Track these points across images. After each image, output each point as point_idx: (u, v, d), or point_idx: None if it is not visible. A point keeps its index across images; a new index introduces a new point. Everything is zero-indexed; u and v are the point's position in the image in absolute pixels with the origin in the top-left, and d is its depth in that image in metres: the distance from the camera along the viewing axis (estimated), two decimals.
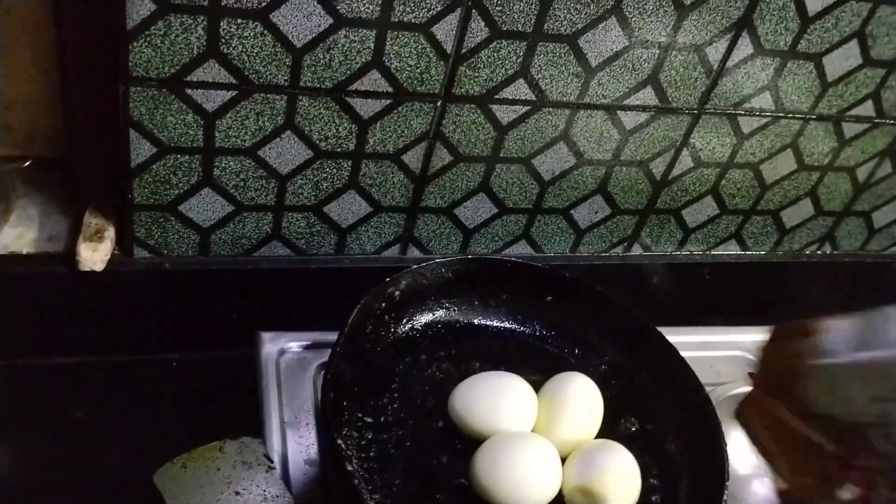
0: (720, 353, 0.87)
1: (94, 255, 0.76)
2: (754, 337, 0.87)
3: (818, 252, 1.05)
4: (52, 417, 0.79)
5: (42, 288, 0.77)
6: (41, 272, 0.77)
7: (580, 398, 0.64)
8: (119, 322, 0.82)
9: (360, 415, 0.63)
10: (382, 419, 0.63)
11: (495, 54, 0.73)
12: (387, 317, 0.68)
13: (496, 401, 0.62)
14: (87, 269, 0.76)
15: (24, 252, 0.77)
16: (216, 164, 0.74)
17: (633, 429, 0.68)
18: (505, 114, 0.78)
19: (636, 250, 0.97)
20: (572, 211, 0.89)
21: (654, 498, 0.63)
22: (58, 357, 0.82)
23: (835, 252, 1.06)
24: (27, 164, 0.83)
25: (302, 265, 0.84)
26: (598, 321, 0.72)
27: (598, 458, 0.60)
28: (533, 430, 0.63)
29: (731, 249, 1.01)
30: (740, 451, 0.75)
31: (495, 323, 0.73)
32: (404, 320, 0.70)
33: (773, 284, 1.04)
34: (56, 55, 0.77)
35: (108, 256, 0.77)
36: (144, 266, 0.79)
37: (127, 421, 0.80)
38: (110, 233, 0.78)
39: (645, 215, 0.93)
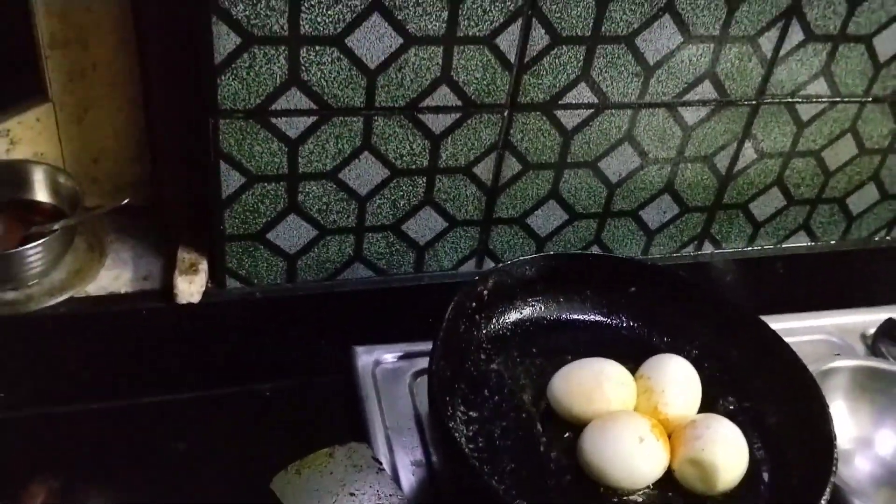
0: (803, 337, 0.86)
1: (191, 287, 0.80)
2: (835, 320, 0.88)
3: (887, 238, 1.05)
4: (156, 452, 0.81)
5: (142, 324, 0.81)
6: (140, 308, 0.80)
7: (677, 377, 0.64)
8: (215, 354, 0.85)
9: (463, 409, 0.65)
10: (486, 412, 0.65)
11: (556, 60, 0.76)
12: (477, 316, 0.70)
13: (595, 384, 0.63)
14: (185, 301, 0.80)
15: (123, 291, 0.81)
16: (300, 189, 0.77)
17: (732, 407, 0.69)
18: (569, 119, 0.81)
19: (707, 248, 0.98)
20: (641, 212, 0.91)
21: (763, 468, 0.63)
22: (162, 395, 0.85)
23: None
24: (117, 212, 0.88)
25: (384, 285, 0.87)
26: (683, 306, 0.73)
27: (704, 431, 0.60)
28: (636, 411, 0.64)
29: (801, 241, 1.01)
30: (840, 427, 0.74)
31: (582, 317, 0.75)
32: (494, 319, 0.72)
33: (845, 273, 1.04)
34: (142, 105, 0.83)
35: (203, 288, 0.81)
36: (237, 296, 0.82)
37: (228, 450, 0.82)
38: (203, 265, 0.81)
39: (713, 212, 0.94)
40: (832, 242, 1.02)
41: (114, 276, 0.83)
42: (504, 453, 0.62)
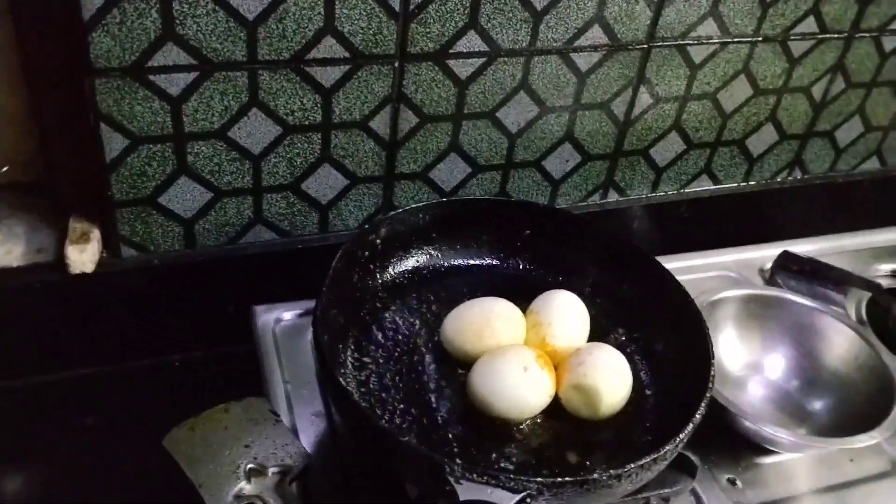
0: (703, 274, 0.88)
1: (83, 256, 0.78)
2: (734, 256, 0.90)
3: (789, 178, 1.08)
4: (64, 428, 0.80)
5: (37, 298, 0.79)
6: (33, 281, 0.78)
7: (565, 310, 0.65)
8: (116, 326, 0.84)
9: (356, 355, 0.64)
10: (379, 358, 0.65)
11: (443, 8, 0.76)
12: (371, 265, 0.70)
13: (484, 322, 0.63)
14: (78, 271, 0.78)
15: (15, 265, 0.79)
16: (189, 150, 0.76)
17: (623, 338, 0.70)
18: (462, 68, 0.81)
19: (612, 196, 0.99)
20: (544, 162, 0.92)
21: (648, 392, 0.64)
22: (63, 371, 0.83)
23: (805, 176, 1.08)
24: (9, 189, 0.86)
25: (288, 246, 0.86)
26: (577, 246, 0.74)
27: (586, 357, 0.61)
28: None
29: (704, 185, 1.03)
30: (731, 355, 0.76)
31: (478, 262, 0.75)
32: (389, 267, 0.72)
33: (749, 214, 1.06)
34: (24, 72, 0.80)
35: (97, 257, 0.79)
36: (133, 264, 0.81)
37: (138, 423, 0.81)
38: (96, 234, 0.80)
39: (615, 159, 0.95)
40: (734, 185, 1.04)
41: (6, 252, 0.80)
42: (396, 395, 0.62)
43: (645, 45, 0.87)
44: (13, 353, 0.81)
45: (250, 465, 0.62)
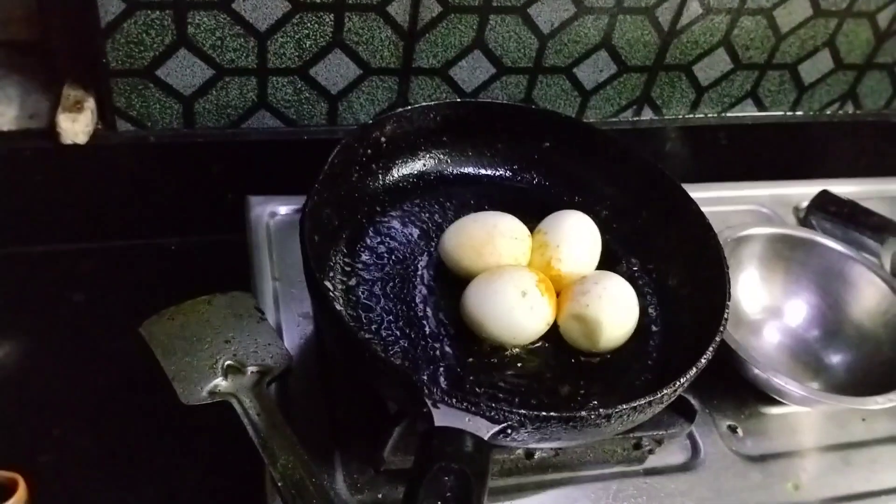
0: (734, 207, 0.82)
1: (75, 126, 0.74)
2: (769, 191, 0.83)
3: (840, 111, 0.99)
4: (52, 302, 0.78)
5: (27, 166, 0.75)
6: (23, 148, 0.74)
7: (576, 233, 0.60)
8: (109, 202, 0.80)
9: (347, 260, 0.61)
10: (371, 263, 0.61)
11: None
12: (373, 165, 0.65)
13: (486, 238, 0.59)
14: (70, 142, 0.74)
15: (5, 129, 0.75)
16: (189, 20, 0.70)
17: (635, 268, 0.65)
18: None
19: (647, 114, 0.92)
20: (575, 69, 0.85)
21: (653, 328, 0.60)
22: (55, 244, 0.81)
23: (857, 111, 1.00)
24: (5, 47, 0.81)
25: (293, 136, 0.81)
26: (598, 164, 0.68)
27: (591, 287, 0.57)
28: (528, 267, 0.60)
29: (748, 110, 0.96)
30: (751, 297, 0.71)
31: (490, 172, 0.70)
32: (392, 169, 0.67)
33: (793, 147, 0.99)
34: None
35: (91, 129, 0.75)
36: (128, 139, 0.77)
37: (126, 304, 0.79)
38: (90, 103, 0.75)
39: (654, 72, 0.88)
40: (780, 113, 0.97)
41: None
42: (385, 306, 0.58)
43: None
44: (4, 220, 0.78)
45: (228, 362, 0.60)
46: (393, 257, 0.62)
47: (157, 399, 0.69)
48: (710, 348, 0.51)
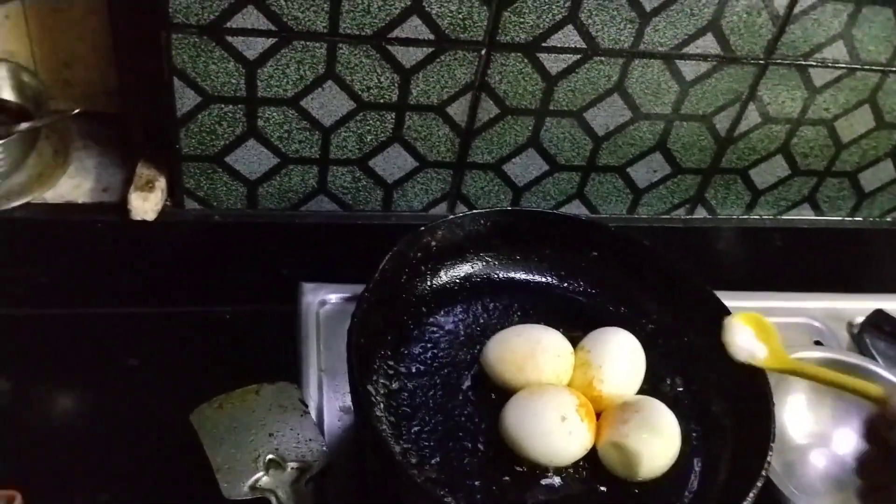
0: (786, 319, 0.81)
1: (145, 205, 0.77)
2: (822, 304, 0.82)
3: None
4: (107, 365, 0.81)
5: (97, 237, 0.79)
6: (95, 221, 0.78)
7: (619, 352, 0.61)
8: (171, 273, 0.84)
9: (391, 363, 0.62)
10: (413, 368, 0.62)
11: None
12: (423, 267, 0.66)
13: (528, 353, 0.59)
14: (139, 218, 0.78)
15: (80, 202, 0.79)
16: (259, 114, 0.74)
17: (678, 389, 0.65)
18: (554, 63, 0.75)
19: (700, 213, 0.92)
20: (629, 169, 0.86)
21: (696, 458, 0.60)
22: (114, 307, 0.84)
23: None
24: (86, 119, 0.86)
25: (348, 220, 0.84)
26: (645, 278, 0.68)
27: (632, 415, 0.57)
28: (569, 385, 0.61)
29: (805, 214, 0.95)
30: (798, 421, 0.70)
31: (537, 278, 0.71)
32: (441, 272, 0.68)
33: (850, 253, 0.98)
34: (108, 11, 0.79)
35: (160, 206, 0.79)
36: (194, 217, 0.80)
37: (180, 370, 0.82)
38: (161, 183, 0.79)
39: (709, 175, 0.88)
40: (838, 218, 0.96)
41: (74, 185, 0.81)
42: (425, 414, 0.59)
43: (762, 61, 0.79)
44: (69, 284, 0.82)
45: (270, 456, 0.61)
46: (436, 363, 0.63)
47: (201, 476, 0.71)
48: (751, 494, 0.51)
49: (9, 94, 0.82)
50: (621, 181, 0.87)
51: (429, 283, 0.67)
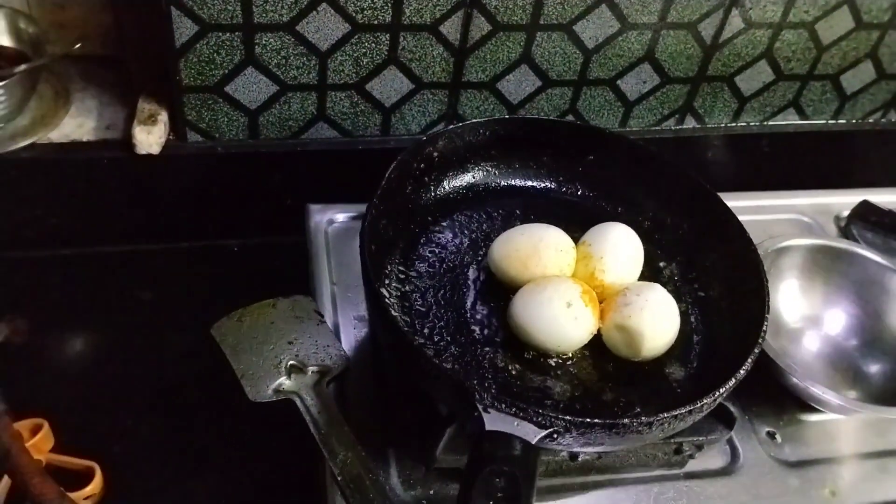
0: (775, 216, 0.84)
1: (149, 138, 0.79)
2: (811, 200, 0.85)
3: (882, 119, 1.01)
4: (120, 300, 0.83)
5: (103, 173, 0.81)
6: (101, 157, 0.80)
7: (618, 244, 0.64)
8: (177, 207, 0.86)
9: (401, 268, 0.65)
10: (423, 271, 0.65)
11: None
12: (426, 178, 0.69)
13: (532, 250, 0.62)
14: (144, 152, 0.80)
15: (85, 139, 0.81)
16: (257, 41, 0.75)
17: (676, 278, 0.68)
18: None
19: (689, 122, 0.95)
20: (619, 81, 0.88)
21: (696, 338, 0.63)
22: (123, 245, 0.86)
23: None
24: (84, 60, 0.87)
25: (349, 146, 0.86)
26: (640, 177, 0.71)
27: (633, 298, 0.60)
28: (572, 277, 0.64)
29: (790, 119, 0.98)
30: (790, 306, 0.74)
31: (536, 184, 0.73)
32: (444, 182, 0.70)
33: (834, 156, 1.01)
34: None
35: (163, 140, 0.80)
36: (197, 149, 0.82)
37: (191, 302, 0.84)
38: (163, 116, 0.80)
39: (697, 84, 0.91)
40: (822, 122, 0.98)
41: (77, 124, 0.82)
42: (437, 312, 0.62)
43: None
44: (79, 223, 0.84)
45: (291, 362, 0.64)
46: (444, 266, 0.66)
47: (221, 394, 0.75)
48: (749, 359, 0.54)
49: (6, 40, 0.83)
50: (612, 94, 0.89)
51: (433, 193, 0.69)
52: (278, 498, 0.69)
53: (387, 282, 0.63)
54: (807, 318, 0.75)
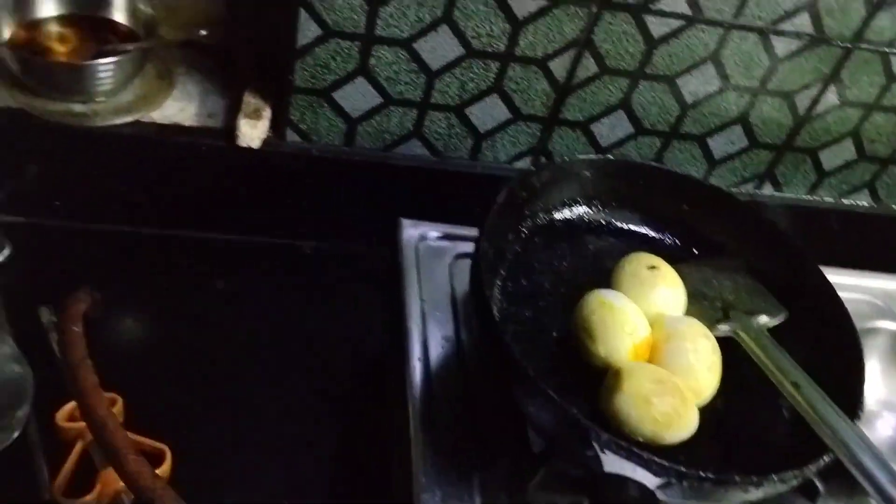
0: (845, 294, 0.84)
1: (253, 132, 0.80)
2: (882, 283, 0.86)
3: None
4: (196, 286, 0.84)
5: (201, 160, 0.82)
6: (200, 143, 0.81)
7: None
8: (265, 203, 0.87)
9: (499, 296, 0.65)
10: (520, 300, 0.66)
11: None
12: (527, 210, 0.70)
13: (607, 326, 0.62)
14: (245, 144, 0.81)
15: (187, 124, 0.82)
16: (373, 52, 0.77)
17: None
18: (657, 27, 0.78)
19: (767, 189, 0.96)
20: (709, 139, 0.89)
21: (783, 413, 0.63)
22: (209, 232, 0.87)
23: None
24: (190, 46, 0.88)
25: (437, 166, 0.87)
26: (734, 232, 0.72)
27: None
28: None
29: (863, 200, 0.99)
30: (870, 385, 0.74)
31: (630, 227, 0.74)
32: (541, 214, 0.71)
33: None
34: None
35: (264, 135, 0.82)
36: (294, 149, 0.83)
37: (263, 297, 0.85)
38: (267, 113, 0.82)
39: (782, 152, 0.92)
40: (894, 206, 1.00)
41: (179, 108, 0.84)
42: (539, 343, 0.63)
43: (849, 45, 0.82)
44: (164, 204, 0.85)
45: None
46: (541, 302, 0.66)
47: (289, 385, 0.75)
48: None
49: (122, 18, 0.85)
50: (699, 150, 0.90)
51: (531, 223, 0.70)
52: (347, 495, 0.69)
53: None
54: (883, 402, 0.75)
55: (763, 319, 0.63)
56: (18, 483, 0.65)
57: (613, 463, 0.48)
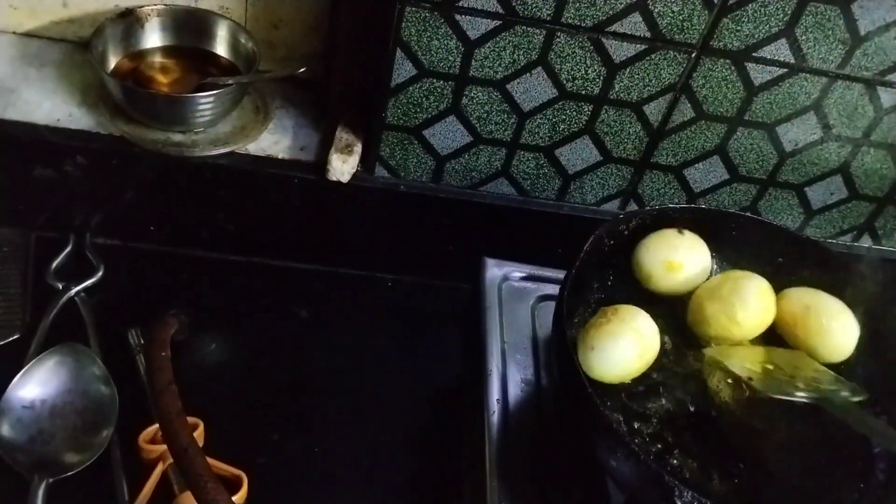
0: None
1: (344, 167, 0.82)
2: None
3: None
4: (279, 313, 0.86)
5: (290, 192, 0.84)
6: (292, 176, 0.83)
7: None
8: (349, 235, 0.88)
9: None
10: None
11: (762, 9, 0.72)
12: (614, 259, 0.68)
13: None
14: (335, 178, 0.82)
15: (280, 157, 0.84)
16: (466, 92, 0.77)
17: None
18: (759, 74, 0.76)
19: (865, 241, 0.92)
20: (807, 188, 0.86)
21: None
22: (295, 262, 0.89)
23: None
24: (287, 80, 0.91)
25: (523, 205, 0.87)
26: (829, 287, 0.69)
27: None
28: None
29: None
30: None
31: None
32: (627, 261, 0.70)
33: None
34: None
35: (354, 170, 0.83)
36: (383, 184, 0.84)
37: (344, 327, 0.86)
38: (358, 148, 0.83)
39: (883, 204, 0.88)
40: None
41: (274, 141, 0.86)
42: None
43: None
44: (254, 233, 0.87)
45: None
46: None
47: (366, 416, 0.76)
48: None
49: (223, 51, 0.88)
50: (796, 199, 0.87)
51: (612, 269, 0.69)
52: None
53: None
54: None
55: None
56: (99, 501, 0.67)
57: None
